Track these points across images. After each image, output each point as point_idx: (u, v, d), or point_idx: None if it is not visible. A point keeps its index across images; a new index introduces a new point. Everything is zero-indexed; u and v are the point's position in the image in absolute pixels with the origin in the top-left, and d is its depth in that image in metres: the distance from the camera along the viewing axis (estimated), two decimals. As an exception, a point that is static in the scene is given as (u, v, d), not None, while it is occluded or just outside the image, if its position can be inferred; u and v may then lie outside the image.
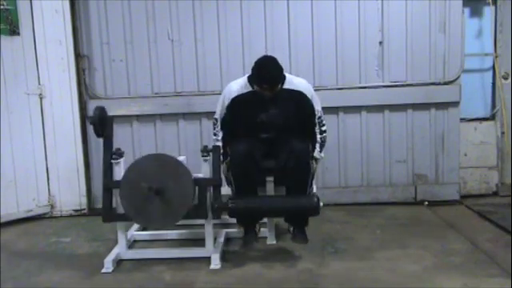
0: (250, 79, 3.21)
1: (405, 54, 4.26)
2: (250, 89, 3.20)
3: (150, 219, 3.04)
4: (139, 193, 2.97)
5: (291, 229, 3.23)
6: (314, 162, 3.26)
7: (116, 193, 3.12)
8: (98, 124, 3.18)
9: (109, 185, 3.15)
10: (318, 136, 3.32)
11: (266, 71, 3.10)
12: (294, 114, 3.22)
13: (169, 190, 2.98)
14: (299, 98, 3.23)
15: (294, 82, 3.27)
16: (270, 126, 3.22)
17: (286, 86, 3.19)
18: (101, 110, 3.23)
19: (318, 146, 3.32)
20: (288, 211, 3.17)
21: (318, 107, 3.30)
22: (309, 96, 3.26)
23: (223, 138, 3.34)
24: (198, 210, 3.10)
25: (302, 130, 3.30)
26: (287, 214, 3.22)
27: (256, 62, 3.16)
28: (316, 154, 3.30)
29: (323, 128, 3.33)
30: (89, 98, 4.33)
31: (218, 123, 3.34)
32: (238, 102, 3.23)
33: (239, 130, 3.27)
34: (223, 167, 3.24)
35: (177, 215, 3.02)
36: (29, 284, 2.92)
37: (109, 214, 3.16)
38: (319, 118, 3.31)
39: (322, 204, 3.07)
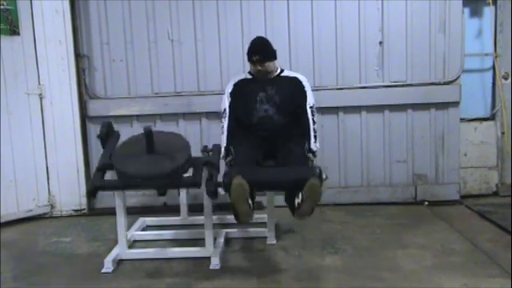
0: (250, 72, 3.45)
1: (405, 54, 4.26)
2: (250, 77, 3.46)
3: (139, 165, 2.92)
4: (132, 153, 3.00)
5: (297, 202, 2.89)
6: (311, 155, 3.25)
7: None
8: (105, 139, 3.24)
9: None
10: (312, 126, 3.33)
11: (256, 44, 3.39)
12: (290, 96, 3.37)
13: (162, 147, 3.01)
14: (295, 82, 3.44)
15: (292, 72, 3.56)
16: (269, 104, 3.33)
17: (284, 74, 3.47)
18: (108, 127, 3.30)
19: (312, 136, 3.30)
20: (288, 181, 2.91)
21: (311, 97, 3.41)
22: (304, 83, 3.44)
23: (228, 127, 3.35)
24: (193, 181, 3.04)
25: (297, 114, 3.35)
26: (287, 184, 2.94)
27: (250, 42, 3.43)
28: (312, 145, 3.28)
29: (314, 119, 3.38)
30: (89, 97, 4.34)
31: (226, 113, 3.39)
32: (239, 85, 3.44)
33: (241, 111, 3.35)
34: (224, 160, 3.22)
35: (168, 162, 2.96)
36: (29, 284, 2.92)
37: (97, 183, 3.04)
38: (311, 107, 3.39)
39: (325, 176, 2.94)
